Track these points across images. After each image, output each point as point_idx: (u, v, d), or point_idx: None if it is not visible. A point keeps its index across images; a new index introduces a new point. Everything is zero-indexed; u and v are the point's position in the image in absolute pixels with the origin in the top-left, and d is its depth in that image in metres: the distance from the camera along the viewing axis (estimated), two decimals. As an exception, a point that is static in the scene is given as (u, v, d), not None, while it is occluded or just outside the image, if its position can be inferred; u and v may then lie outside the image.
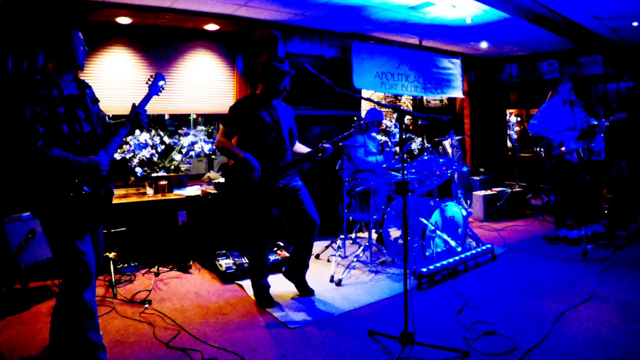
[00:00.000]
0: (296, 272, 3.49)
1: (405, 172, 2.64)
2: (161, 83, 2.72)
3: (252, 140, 3.20)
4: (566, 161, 4.93)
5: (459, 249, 4.16)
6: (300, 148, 3.51)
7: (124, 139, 2.67)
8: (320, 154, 3.30)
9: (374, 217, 4.29)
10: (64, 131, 2.26)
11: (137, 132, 4.55)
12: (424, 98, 7.30)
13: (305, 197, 3.36)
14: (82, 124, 2.36)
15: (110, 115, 4.27)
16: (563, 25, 5.13)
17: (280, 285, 3.61)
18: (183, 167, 5.07)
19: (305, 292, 3.48)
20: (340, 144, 4.11)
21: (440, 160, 4.60)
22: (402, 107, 3.05)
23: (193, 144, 5.03)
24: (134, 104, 2.56)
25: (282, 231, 4.58)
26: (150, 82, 2.71)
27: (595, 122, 4.84)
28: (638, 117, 5.87)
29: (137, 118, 2.52)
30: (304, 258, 3.45)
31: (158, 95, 2.73)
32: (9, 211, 3.40)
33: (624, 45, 5.91)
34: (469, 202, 6.55)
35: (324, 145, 3.28)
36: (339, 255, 4.23)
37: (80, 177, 2.26)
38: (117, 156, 4.49)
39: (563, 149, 4.89)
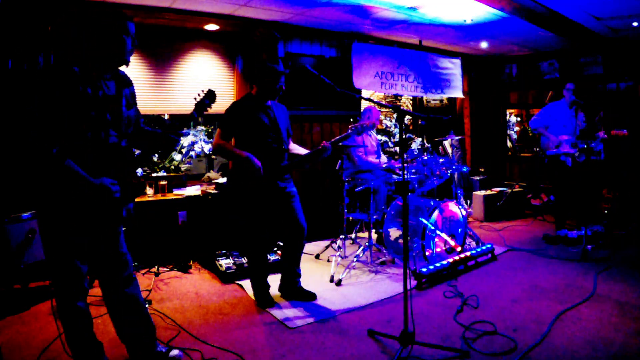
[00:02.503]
0: (291, 285, 3.45)
1: (405, 172, 2.64)
2: (210, 102, 2.37)
3: (250, 142, 3.18)
4: (561, 162, 4.94)
5: (459, 249, 4.16)
6: (296, 148, 3.48)
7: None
8: (321, 155, 3.30)
9: (374, 217, 4.29)
10: (87, 138, 1.98)
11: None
12: (424, 98, 7.31)
13: (297, 204, 3.37)
14: (108, 132, 2.04)
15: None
16: (563, 25, 5.13)
17: (280, 285, 3.61)
18: (183, 167, 5.08)
19: (307, 298, 3.42)
20: (340, 143, 4.12)
21: (440, 160, 4.60)
22: (402, 107, 3.05)
23: (193, 144, 5.04)
24: (173, 121, 2.28)
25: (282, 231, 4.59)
26: (198, 99, 2.37)
27: (594, 122, 4.84)
28: (638, 117, 5.86)
29: (171, 139, 2.23)
30: (294, 268, 3.43)
31: (203, 114, 2.40)
32: (9, 211, 3.40)
33: (624, 45, 5.91)
34: (469, 202, 6.55)
35: (325, 144, 3.29)
36: (339, 255, 4.23)
37: (88, 197, 2.01)
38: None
39: (559, 149, 4.89)
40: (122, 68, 2.18)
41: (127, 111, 2.16)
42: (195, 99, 2.38)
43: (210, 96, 2.41)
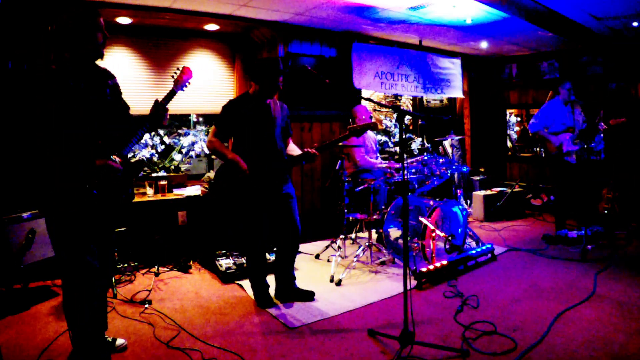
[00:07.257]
0: (287, 287, 3.41)
1: (405, 172, 2.64)
2: (188, 80, 2.55)
3: (246, 141, 3.16)
4: (565, 162, 4.93)
5: (459, 249, 4.15)
6: (293, 149, 3.43)
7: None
8: (305, 159, 3.26)
9: (374, 217, 4.29)
10: (74, 128, 2.10)
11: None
12: (424, 98, 7.31)
13: (294, 206, 3.34)
14: (95, 121, 2.17)
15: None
16: (563, 25, 5.13)
17: (280, 285, 3.60)
18: (183, 167, 5.08)
19: (305, 297, 3.40)
20: (340, 143, 4.11)
21: (440, 160, 4.60)
22: (402, 107, 3.05)
23: (193, 144, 5.04)
24: (156, 100, 2.40)
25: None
26: (175, 77, 2.52)
27: (595, 123, 4.84)
28: (638, 117, 5.86)
29: (158, 115, 2.38)
30: (289, 271, 3.41)
31: (183, 91, 2.55)
32: (9, 211, 3.40)
33: (624, 45, 5.91)
34: (469, 202, 6.54)
35: (309, 151, 3.23)
36: (339, 255, 4.23)
37: (91, 178, 2.14)
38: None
39: (563, 148, 4.89)
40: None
41: (112, 100, 2.32)
42: (172, 76, 2.52)
43: (188, 73, 2.55)
